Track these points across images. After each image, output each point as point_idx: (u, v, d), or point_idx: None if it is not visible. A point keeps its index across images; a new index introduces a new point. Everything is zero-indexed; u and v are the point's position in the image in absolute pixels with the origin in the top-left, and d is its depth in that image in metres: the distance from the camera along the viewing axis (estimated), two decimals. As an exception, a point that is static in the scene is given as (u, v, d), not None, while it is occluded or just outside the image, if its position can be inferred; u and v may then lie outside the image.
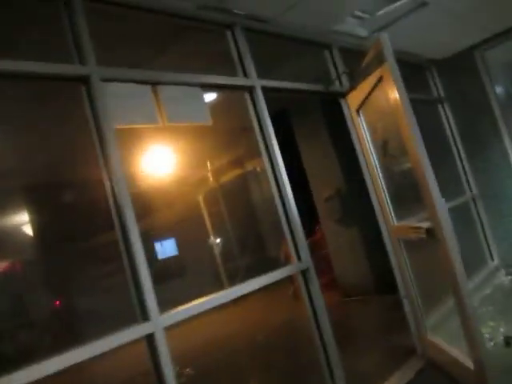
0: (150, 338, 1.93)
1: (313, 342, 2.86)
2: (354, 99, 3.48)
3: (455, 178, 5.47)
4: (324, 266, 7.78)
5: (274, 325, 6.05)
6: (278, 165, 2.88)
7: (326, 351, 2.80)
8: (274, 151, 2.88)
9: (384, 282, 6.45)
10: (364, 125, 3.50)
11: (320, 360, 2.82)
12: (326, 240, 7.25)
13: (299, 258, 2.83)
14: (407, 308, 3.70)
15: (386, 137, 3.35)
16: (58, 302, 7.20)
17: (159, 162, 7.78)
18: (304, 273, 2.83)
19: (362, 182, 3.89)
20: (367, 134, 3.51)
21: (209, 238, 9.79)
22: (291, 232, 2.85)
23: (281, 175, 2.88)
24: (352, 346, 4.49)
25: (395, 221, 3.50)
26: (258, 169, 8.47)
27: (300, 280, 2.85)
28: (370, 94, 3.17)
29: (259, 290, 2.61)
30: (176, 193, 9.60)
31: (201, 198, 10.07)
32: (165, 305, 2.11)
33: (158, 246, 6.45)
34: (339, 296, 7.05)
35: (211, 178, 9.24)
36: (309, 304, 2.83)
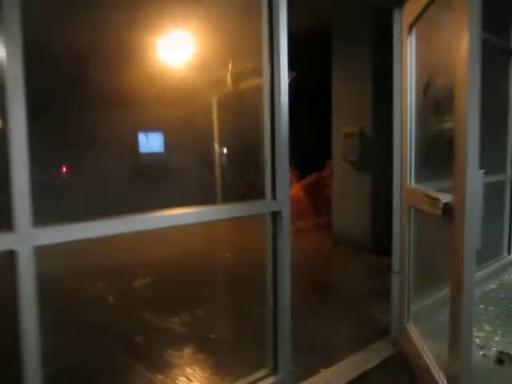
0: (10, 256, 1.33)
1: (264, 305, 2.29)
2: (410, 10, 2.59)
3: (499, 150, 4.60)
4: (323, 205, 7.19)
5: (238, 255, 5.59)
6: (279, 83, 2.13)
7: (275, 321, 2.23)
8: (279, 65, 2.13)
9: (382, 242, 5.89)
10: (413, 49, 2.64)
11: (266, 330, 2.27)
12: (333, 179, 6.54)
13: (274, 197, 2.16)
14: (395, 285, 3.11)
15: (432, 75, 2.51)
16: None
17: (177, 48, 6.98)
18: (275, 216, 2.18)
19: (391, 126, 3.11)
20: (413, 62, 2.66)
21: (209, 145, 9.14)
22: (273, 160, 2.15)
23: (279, 94, 2.14)
24: (321, 306, 3.98)
25: (412, 182, 2.77)
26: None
27: (268, 223, 2.20)
28: (429, 5, 2.28)
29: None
30: (187, 86, 8.80)
31: (214, 101, 9.25)
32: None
33: (142, 138, 5.77)
34: (331, 241, 6.52)
35: (230, 81, 8.34)
36: (271, 257, 2.21)
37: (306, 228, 7.32)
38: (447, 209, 1.97)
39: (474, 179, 1.80)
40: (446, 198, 2.01)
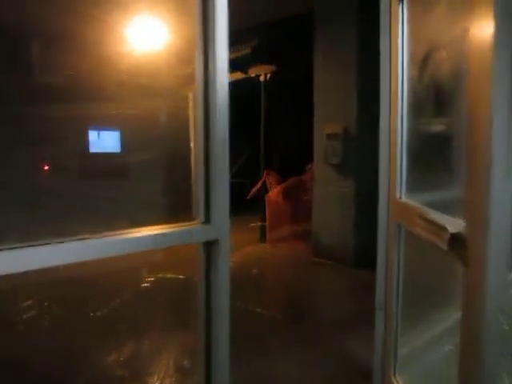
0: None
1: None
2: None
3: None
4: (302, 212, 6.57)
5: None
6: (215, 74, 1.50)
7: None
8: (215, 50, 1.48)
9: (366, 255, 5.29)
10: (405, 21, 2.00)
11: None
12: (314, 184, 5.92)
13: (207, 219, 1.50)
14: (379, 324, 2.47)
15: (432, 47, 1.88)
16: None
17: (145, 34, 6.29)
18: (209, 246, 1.52)
19: (378, 124, 2.48)
20: (405, 38, 2.03)
21: (182, 144, 8.45)
22: (206, 167, 1.50)
23: (215, 87, 1.50)
24: (290, 338, 3.33)
25: (403, 194, 2.14)
26: (262, 78, 6.91)
27: (200, 254, 1.54)
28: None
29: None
30: (157, 80, 8.09)
31: (190, 97, 8.56)
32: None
33: (93, 136, 5.07)
34: (309, 253, 5.89)
35: (206, 76, 7.67)
36: (203, 302, 1.56)
37: (282, 238, 6.68)
38: (456, 242, 1.33)
39: (501, 198, 1.16)
40: (453, 224, 1.37)
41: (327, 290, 4.59)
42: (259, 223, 7.08)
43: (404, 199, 2.11)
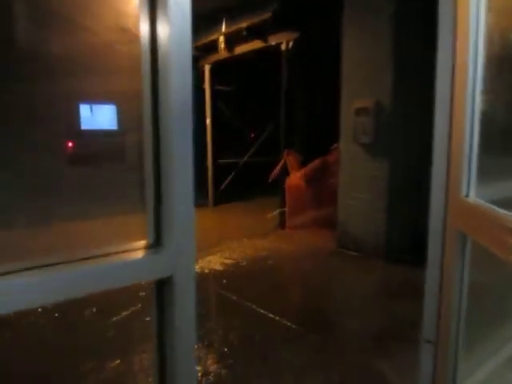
0: None
1: None
2: None
3: None
4: (326, 197, 5.90)
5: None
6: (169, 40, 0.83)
7: None
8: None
9: (400, 247, 4.64)
10: None
11: None
12: (340, 166, 5.23)
13: (158, 242, 0.88)
14: (426, 361, 1.83)
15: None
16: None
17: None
18: (162, 284, 0.90)
19: (426, 95, 1.81)
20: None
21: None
22: (157, 164, 0.87)
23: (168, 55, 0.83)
24: (303, 355, 2.73)
25: (472, 191, 1.47)
26: (284, 46, 6.16)
27: (153, 294, 0.93)
28: None
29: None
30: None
31: (207, 69, 7.89)
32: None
33: (85, 111, 4.46)
34: (333, 243, 5.25)
35: (223, 45, 6.97)
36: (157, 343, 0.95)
37: (303, 225, 6.05)
38: None
39: None
40: None
41: (352, 289, 3.95)
42: (278, 210, 6.46)
43: (474, 199, 1.43)
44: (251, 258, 4.83)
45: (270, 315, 3.33)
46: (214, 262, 4.70)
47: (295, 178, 6.33)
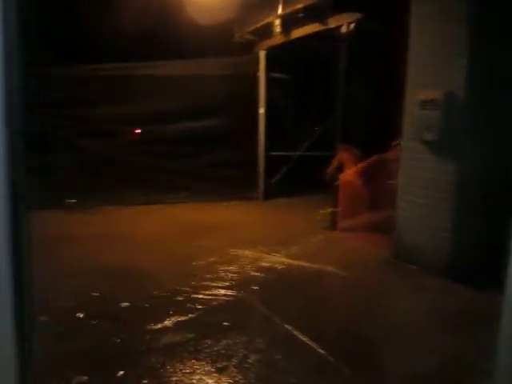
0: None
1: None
2: None
3: None
4: (384, 199, 5.26)
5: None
6: None
7: None
8: None
9: (469, 265, 3.95)
10: None
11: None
12: (400, 165, 4.60)
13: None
14: None
15: None
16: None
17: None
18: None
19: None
20: None
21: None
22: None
23: None
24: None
25: None
26: (344, 28, 5.55)
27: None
28: None
29: None
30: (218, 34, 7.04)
31: (262, 55, 7.42)
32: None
33: None
34: (386, 251, 4.65)
35: (279, 28, 6.46)
36: None
37: (356, 228, 5.46)
38: None
39: None
40: None
41: (403, 313, 3.36)
42: (330, 209, 5.91)
43: None
44: (291, 262, 4.36)
45: (301, 337, 2.86)
46: (250, 264, 4.29)
47: (350, 176, 5.74)
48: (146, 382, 2.35)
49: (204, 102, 7.38)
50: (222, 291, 3.59)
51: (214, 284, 3.74)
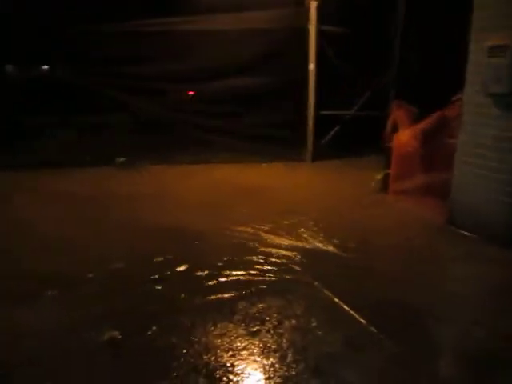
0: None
1: None
2: None
3: None
4: (442, 160, 4.84)
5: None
6: None
7: None
8: None
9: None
10: None
11: None
12: (462, 123, 4.18)
13: None
14: None
15: None
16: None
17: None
18: None
19: None
20: None
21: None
22: None
23: None
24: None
25: None
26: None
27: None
28: None
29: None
30: None
31: (313, 6, 6.96)
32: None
33: None
34: (442, 216, 4.32)
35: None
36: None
37: (410, 190, 5.10)
38: None
39: None
40: None
41: (458, 282, 3.08)
42: (382, 172, 5.56)
43: None
44: (338, 230, 4.13)
45: (342, 305, 2.69)
46: (295, 227, 4.12)
47: (405, 136, 5.33)
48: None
49: (251, 58, 7.11)
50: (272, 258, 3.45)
51: (263, 249, 3.60)
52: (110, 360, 2.16)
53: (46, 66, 9.67)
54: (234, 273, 3.14)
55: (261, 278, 3.05)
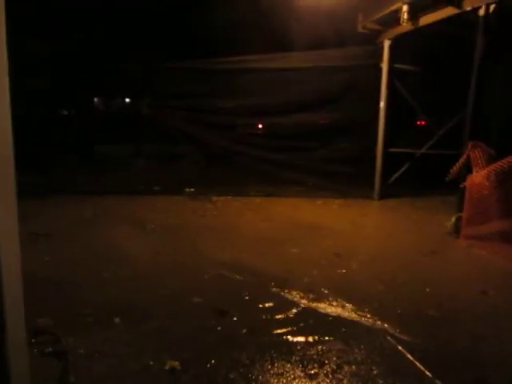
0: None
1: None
2: None
3: None
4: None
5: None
6: None
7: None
8: None
9: None
10: None
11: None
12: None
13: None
14: None
15: None
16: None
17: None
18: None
19: None
20: None
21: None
22: None
23: None
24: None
25: None
26: (483, 11, 4.90)
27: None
28: None
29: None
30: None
31: (386, 45, 6.98)
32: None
33: None
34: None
35: (406, 15, 5.98)
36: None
37: (484, 236, 4.82)
38: None
39: None
40: None
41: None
42: (456, 215, 5.32)
43: None
44: (400, 277, 3.98)
45: (406, 354, 2.57)
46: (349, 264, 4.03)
47: (479, 177, 5.09)
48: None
49: (322, 95, 7.22)
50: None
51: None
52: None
53: (127, 100, 10.44)
54: (295, 311, 3.13)
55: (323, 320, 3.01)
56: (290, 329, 2.85)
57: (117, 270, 3.89)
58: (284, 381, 2.31)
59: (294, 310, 3.13)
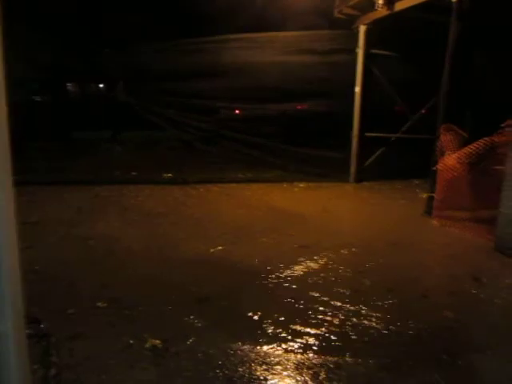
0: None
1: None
2: None
3: None
4: (490, 188, 4.74)
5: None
6: None
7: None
8: None
9: None
10: None
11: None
12: (509, 151, 4.10)
13: None
14: None
15: None
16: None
17: None
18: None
19: None
20: None
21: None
22: None
23: None
24: None
25: None
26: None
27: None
28: None
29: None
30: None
31: (362, 30, 7.04)
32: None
33: None
34: (491, 241, 4.22)
35: (380, 1, 6.05)
36: None
37: (455, 216, 5.01)
38: None
39: None
40: None
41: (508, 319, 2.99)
42: (426, 194, 5.49)
43: None
44: (377, 259, 4.10)
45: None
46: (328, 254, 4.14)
47: (450, 160, 5.24)
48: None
49: (299, 81, 7.27)
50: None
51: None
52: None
53: (101, 85, 10.27)
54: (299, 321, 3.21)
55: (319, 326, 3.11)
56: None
57: (93, 254, 3.90)
58: (262, 355, 2.39)
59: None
